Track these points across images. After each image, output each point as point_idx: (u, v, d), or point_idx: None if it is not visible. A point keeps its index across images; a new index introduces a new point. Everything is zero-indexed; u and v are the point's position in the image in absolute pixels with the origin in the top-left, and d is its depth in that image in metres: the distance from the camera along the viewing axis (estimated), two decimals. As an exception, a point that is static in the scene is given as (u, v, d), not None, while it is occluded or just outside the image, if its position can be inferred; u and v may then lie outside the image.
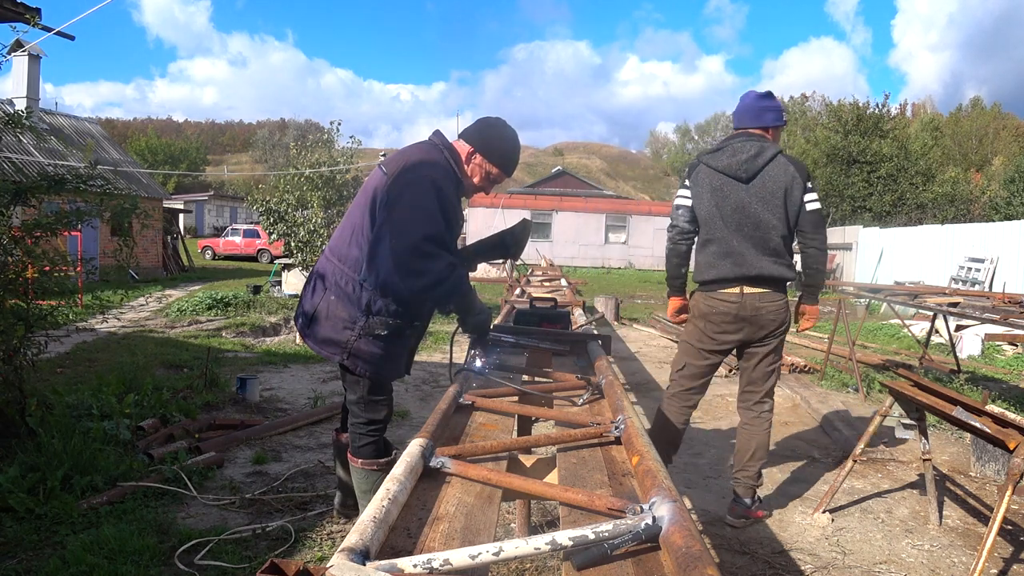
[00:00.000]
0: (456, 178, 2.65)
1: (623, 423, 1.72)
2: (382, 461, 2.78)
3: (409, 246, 2.44)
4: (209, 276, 19.31)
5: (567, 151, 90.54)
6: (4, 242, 3.82)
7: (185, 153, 63.51)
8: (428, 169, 2.55)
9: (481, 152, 2.67)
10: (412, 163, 2.58)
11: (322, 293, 2.66)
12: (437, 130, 2.78)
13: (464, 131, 2.75)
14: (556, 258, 23.63)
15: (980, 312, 5.30)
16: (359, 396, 2.76)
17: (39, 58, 16.88)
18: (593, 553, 1.11)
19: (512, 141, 2.73)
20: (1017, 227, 12.41)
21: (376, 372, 2.70)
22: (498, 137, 2.70)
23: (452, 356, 2.68)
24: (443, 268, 2.46)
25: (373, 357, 2.65)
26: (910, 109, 50.88)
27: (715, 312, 3.31)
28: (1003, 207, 25.59)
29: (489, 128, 2.71)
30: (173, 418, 4.61)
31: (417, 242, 2.44)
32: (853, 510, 3.68)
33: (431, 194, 2.50)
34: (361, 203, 2.63)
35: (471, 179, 2.72)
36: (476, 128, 2.72)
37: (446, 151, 2.67)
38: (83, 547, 2.80)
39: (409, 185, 2.51)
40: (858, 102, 29.97)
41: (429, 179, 2.53)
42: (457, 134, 2.76)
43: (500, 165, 2.71)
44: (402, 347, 2.78)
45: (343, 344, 2.62)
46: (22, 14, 5.02)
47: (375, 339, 2.62)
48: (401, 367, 2.85)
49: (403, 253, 2.45)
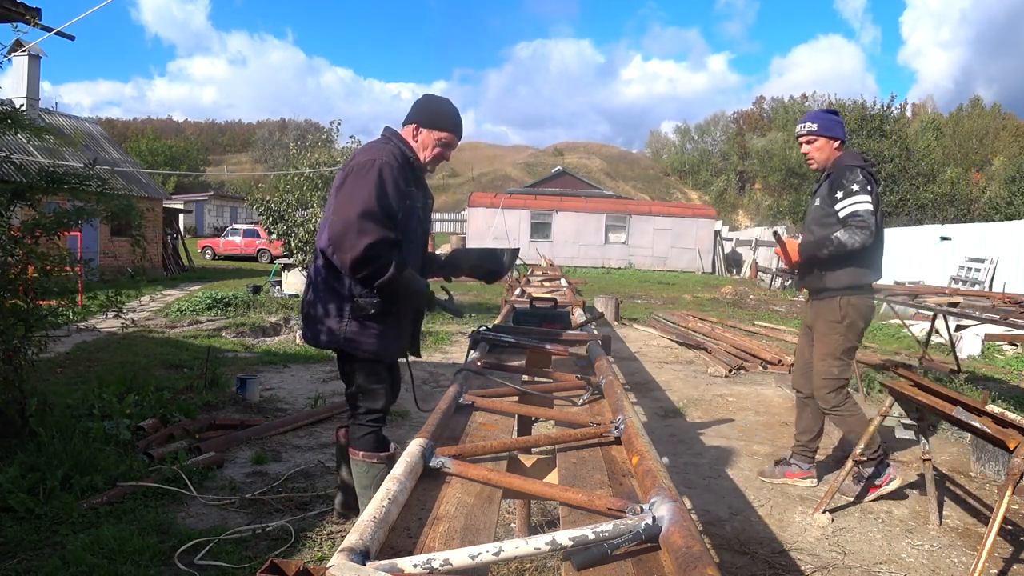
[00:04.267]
0: (406, 160, 2.80)
1: (623, 423, 1.72)
2: (383, 454, 2.85)
3: (342, 223, 2.57)
4: (209, 276, 19.31)
5: (567, 151, 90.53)
6: (4, 242, 3.82)
7: (185, 153, 63.49)
8: (372, 154, 2.73)
9: (424, 125, 2.84)
10: (358, 154, 2.77)
11: (311, 291, 2.84)
12: (387, 126, 2.95)
13: (405, 118, 2.93)
14: (556, 258, 23.61)
15: (980, 312, 5.30)
16: (357, 385, 2.86)
17: (39, 58, 16.88)
18: (593, 553, 1.11)
19: (447, 103, 2.91)
20: (1017, 227, 12.41)
21: (376, 352, 2.82)
22: (433, 106, 2.88)
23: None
24: (376, 243, 2.56)
25: (369, 337, 2.78)
26: (910, 109, 50.82)
27: (872, 313, 3.66)
28: (1003, 207, 25.59)
29: (423, 103, 2.90)
30: (173, 418, 4.61)
31: (351, 219, 2.56)
32: (853, 510, 3.68)
33: (371, 175, 2.65)
34: (330, 203, 2.79)
35: (425, 153, 2.88)
36: (412, 109, 2.91)
37: (394, 138, 2.85)
38: (83, 547, 2.80)
39: (351, 171, 2.68)
40: (864, 102, 30.01)
41: (370, 162, 2.69)
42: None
43: (446, 128, 2.88)
44: (395, 325, 2.86)
45: (338, 332, 2.75)
46: (22, 14, 5.02)
47: (366, 320, 2.75)
48: (401, 345, 2.96)
49: (338, 230, 2.59)
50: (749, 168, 55.88)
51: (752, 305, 15.28)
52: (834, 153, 3.66)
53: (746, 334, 10.09)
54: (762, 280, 22.08)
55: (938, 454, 4.52)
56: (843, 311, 3.53)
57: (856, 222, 3.37)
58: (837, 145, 3.65)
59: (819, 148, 3.66)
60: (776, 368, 7.62)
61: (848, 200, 3.42)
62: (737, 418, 5.60)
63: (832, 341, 3.59)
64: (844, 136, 3.68)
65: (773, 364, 7.71)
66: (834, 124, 3.67)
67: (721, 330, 10.19)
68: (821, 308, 3.63)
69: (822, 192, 3.63)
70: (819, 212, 3.62)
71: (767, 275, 21.66)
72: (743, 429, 5.26)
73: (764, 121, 61.84)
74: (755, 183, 55.81)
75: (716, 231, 28.36)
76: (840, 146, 3.66)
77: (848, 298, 3.53)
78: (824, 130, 3.64)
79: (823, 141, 3.65)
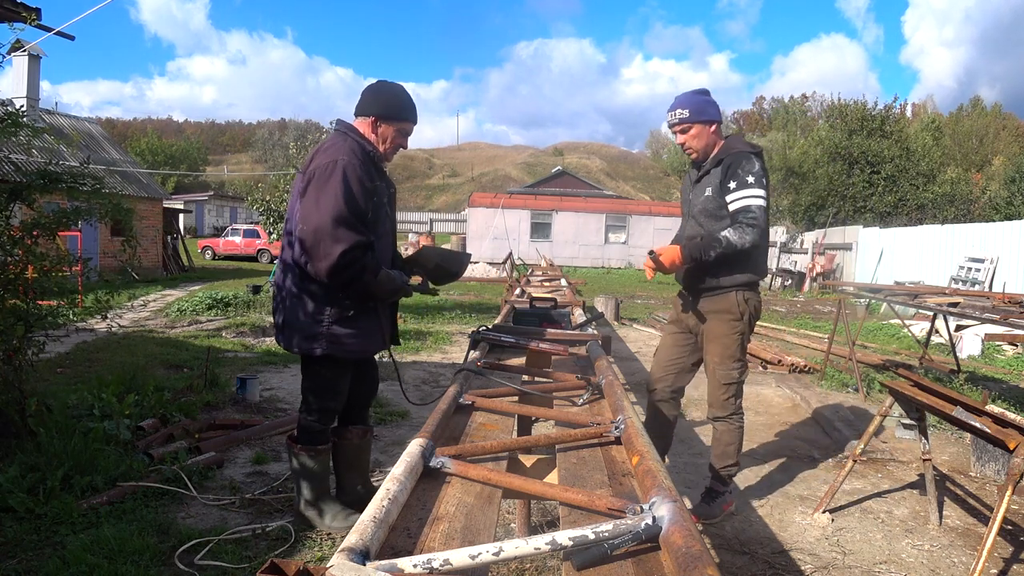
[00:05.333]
0: (367, 155, 2.78)
1: (623, 423, 1.72)
2: (325, 446, 3.03)
3: (313, 231, 2.56)
4: (209, 276, 19.30)
5: (567, 151, 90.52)
6: (3, 242, 3.82)
7: (185, 153, 63.47)
8: (332, 154, 2.68)
9: (384, 118, 2.84)
10: (317, 155, 2.73)
11: (286, 299, 2.83)
12: (338, 119, 2.94)
13: (356, 109, 2.90)
14: (556, 258, 23.61)
15: (980, 312, 5.30)
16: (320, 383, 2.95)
17: (39, 58, 16.87)
18: (593, 553, 1.11)
19: (402, 92, 2.90)
20: (1017, 227, 12.40)
21: (362, 350, 2.89)
22: (390, 97, 2.86)
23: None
24: (351, 249, 2.57)
25: (351, 337, 2.81)
26: (910, 109, 50.82)
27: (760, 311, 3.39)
28: (1003, 207, 25.58)
29: (379, 94, 2.87)
30: (173, 418, 4.61)
31: (323, 226, 2.55)
32: (853, 510, 3.68)
33: (335, 178, 2.62)
34: (294, 207, 2.77)
35: (385, 145, 2.88)
36: (364, 100, 2.87)
37: (351, 133, 2.81)
38: (83, 547, 2.80)
39: (313, 176, 2.65)
40: (865, 103, 29.97)
41: (332, 162, 2.66)
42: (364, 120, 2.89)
43: (407, 118, 2.90)
44: (376, 320, 2.90)
45: (318, 336, 2.79)
46: (22, 14, 5.02)
47: (347, 321, 2.79)
48: (383, 338, 2.97)
49: (310, 239, 2.58)
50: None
51: (752, 305, 15.26)
52: (712, 138, 3.23)
53: (746, 334, 10.08)
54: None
55: (938, 454, 4.52)
56: (740, 308, 3.21)
57: (747, 219, 3.01)
58: (714, 129, 3.22)
59: (696, 136, 3.20)
60: (776, 368, 7.61)
61: (742, 192, 3.05)
62: (737, 418, 5.59)
63: (731, 341, 3.25)
64: (719, 117, 3.25)
65: (773, 364, 7.71)
66: (706, 105, 3.21)
67: (721, 330, 10.18)
68: (716, 306, 3.24)
69: (712, 181, 3.18)
70: (711, 203, 3.19)
71: (767, 275, 21.67)
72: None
73: (764, 121, 61.82)
74: (755, 183, 55.64)
75: (716, 231, 28.35)
76: (717, 129, 3.23)
77: (744, 294, 3.21)
78: (697, 114, 3.18)
79: (699, 127, 3.19)
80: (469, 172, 79.49)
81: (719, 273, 3.19)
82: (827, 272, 18.49)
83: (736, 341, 3.25)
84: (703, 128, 3.20)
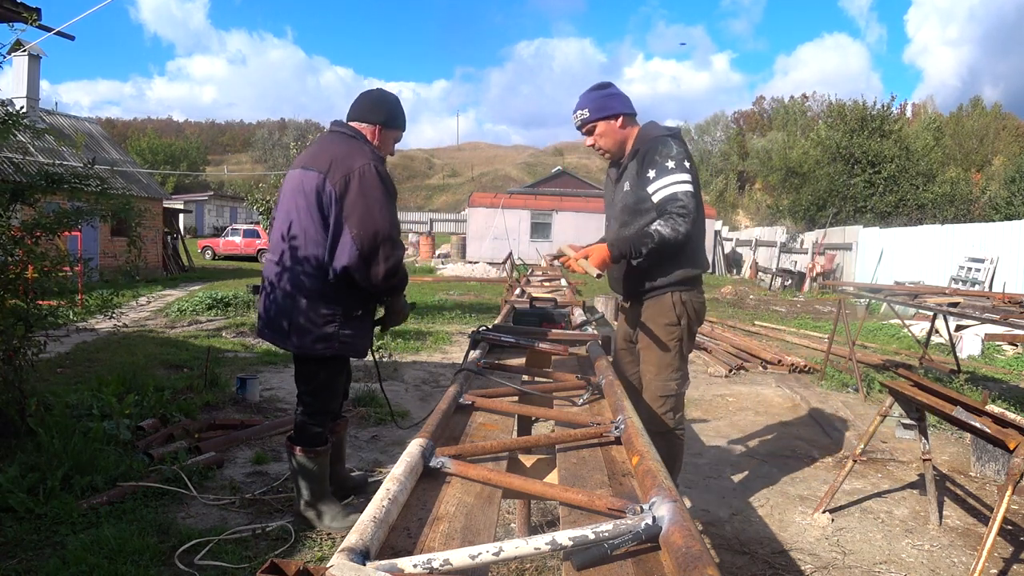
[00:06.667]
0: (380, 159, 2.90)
1: (623, 423, 1.72)
2: (324, 447, 3.08)
3: (372, 237, 2.65)
4: (209, 276, 19.30)
5: (567, 151, 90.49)
6: (4, 242, 3.82)
7: (185, 153, 63.48)
8: (366, 158, 2.75)
9: (386, 126, 2.98)
10: (346, 157, 2.74)
11: (291, 300, 2.82)
12: (339, 120, 3.01)
13: (356, 114, 2.97)
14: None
15: (980, 312, 5.30)
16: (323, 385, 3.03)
17: (39, 58, 16.88)
18: (593, 553, 1.11)
19: (399, 102, 3.06)
20: (1017, 227, 12.40)
21: (364, 349, 3.00)
22: (391, 106, 3.00)
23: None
24: (402, 254, 2.78)
25: (354, 338, 2.91)
26: (910, 109, 50.79)
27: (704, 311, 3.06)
28: (1003, 207, 25.57)
29: (383, 103, 2.99)
30: (173, 418, 4.61)
31: (383, 233, 2.67)
32: (853, 510, 3.68)
33: (379, 184, 2.71)
34: (301, 206, 2.76)
35: (383, 151, 3.01)
36: (366, 107, 2.97)
37: (359, 137, 2.91)
38: (83, 547, 2.80)
39: (359, 179, 2.69)
40: (865, 102, 29.95)
41: (373, 169, 2.73)
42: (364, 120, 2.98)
43: (402, 127, 3.06)
44: (370, 322, 3.04)
45: (330, 337, 2.84)
46: (22, 14, 5.02)
47: (353, 321, 2.88)
48: (371, 339, 3.13)
49: (368, 242, 2.65)
50: (749, 168, 55.87)
51: (752, 305, 15.28)
52: (622, 133, 2.92)
53: (746, 334, 10.09)
54: (762, 280, 22.08)
55: (938, 454, 4.52)
56: (677, 310, 2.86)
57: (676, 208, 2.67)
58: (620, 122, 2.90)
59: (602, 134, 2.92)
60: (776, 368, 7.62)
61: (663, 180, 2.72)
62: (737, 418, 5.60)
63: (667, 349, 2.89)
64: (626, 108, 2.91)
65: (773, 364, 7.71)
66: (606, 99, 2.90)
67: (721, 330, 10.19)
68: (649, 310, 2.91)
69: (631, 174, 2.88)
70: (630, 198, 2.86)
71: (767, 275, 21.67)
72: (743, 429, 5.26)
73: (764, 121, 61.82)
74: (755, 183, 55.80)
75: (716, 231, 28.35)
76: (625, 121, 2.91)
77: (680, 294, 2.86)
78: (598, 111, 2.89)
79: (603, 124, 2.90)
80: (469, 172, 79.51)
81: (652, 273, 2.86)
82: (827, 272, 18.48)
83: (674, 348, 2.89)
84: (608, 124, 2.90)
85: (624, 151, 2.95)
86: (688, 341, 2.95)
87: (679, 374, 2.92)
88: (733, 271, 26.78)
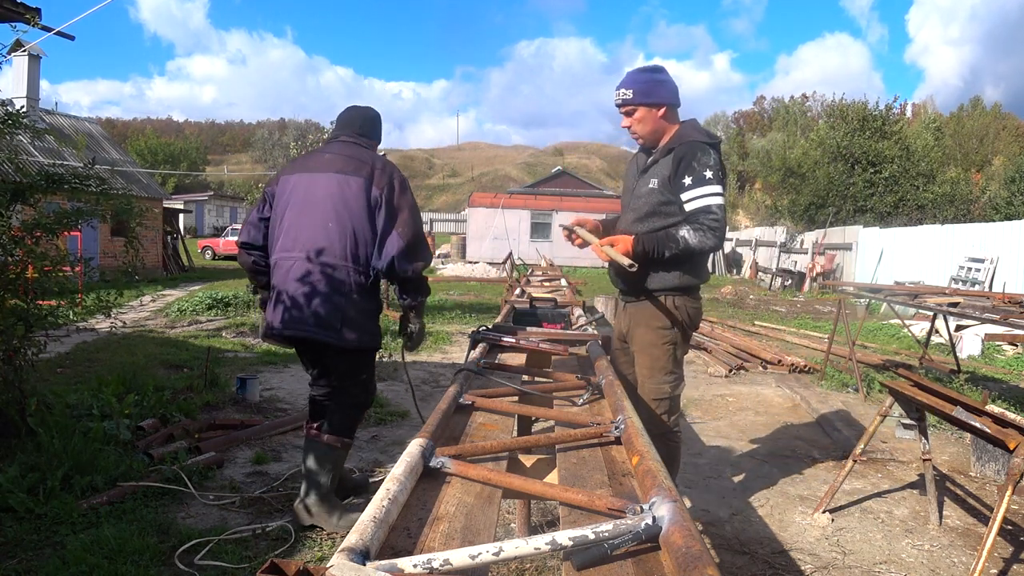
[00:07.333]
0: None
1: (623, 423, 1.72)
2: (348, 440, 3.25)
3: (414, 235, 3.01)
4: (209, 276, 19.31)
5: (567, 151, 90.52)
6: (4, 242, 3.82)
7: (185, 153, 63.47)
8: (392, 167, 3.12)
9: (378, 142, 3.34)
10: (385, 166, 3.09)
11: (344, 298, 2.99)
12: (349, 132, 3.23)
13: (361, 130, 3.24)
14: (556, 258, 23.57)
15: (980, 312, 5.30)
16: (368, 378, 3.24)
17: (39, 58, 16.89)
18: (593, 553, 1.11)
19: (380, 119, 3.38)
20: (1017, 227, 12.40)
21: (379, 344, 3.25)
22: (379, 124, 3.34)
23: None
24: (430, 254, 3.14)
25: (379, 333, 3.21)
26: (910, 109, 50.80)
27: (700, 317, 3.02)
28: (1003, 207, 25.57)
29: (375, 122, 3.32)
30: (173, 418, 4.61)
31: (421, 235, 3.05)
32: (853, 510, 3.68)
33: (411, 193, 3.12)
34: (353, 209, 3.00)
35: None
36: (368, 126, 3.27)
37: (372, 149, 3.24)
38: (83, 547, 2.80)
39: (403, 189, 3.07)
40: (866, 103, 29.93)
41: (407, 180, 3.14)
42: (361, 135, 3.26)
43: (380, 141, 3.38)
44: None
45: (375, 331, 3.14)
46: (22, 14, 5.02)
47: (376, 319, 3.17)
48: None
49: (410, 241, 3.00)
50: (749, 168, 55.89)
51: (752, 305, 15.28)
52: (661, 123, 2.82)
53: (746, 334, 10.09)
54: (762, 280, 22.08)
55: (938, 454, 4.52)
56: (672, 314, 2.82)
57: (708, 221, 2.63)
58: (663, 113, 2.80)
59: (641, 119, 2.81)
60: (776, 368, 7.62)
61: (699, 190, 2.66)
62: (737, 418, 5.60)
63: (660, 352, 2.85)
64: (672, 100, 2.82)
65: (773, 364, 7.71)
66: (655, 85, 2.80)
67: (721, 330, 10.19)
68: (643, 313, 2.87)
69: (661, 172, 2.77)
70: (656, 197, 2.78)
71: (767, 275, 21.67)
72: (743, 429, 5.26)
73: (764, 121, 61.83)
74: (755, 183, 55.81)
75: (716, 231, 28.34)
76: (668, 113, 2.81)
77: (675, 299, 2.81)
78: (643, 96, 2.78)
79: (644, 111, 2.80)
80: (469, 172, 79.52)
81: (651, 275, 2.80)
82: (827, 272, 18.48)
83: (667, 352, 2.85)
84: (649, 112, 2.80)
85: (658, 142, 2.86)
86: (682, 345, 2.91)
87: (672, 377, 2.88)
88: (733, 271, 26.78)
